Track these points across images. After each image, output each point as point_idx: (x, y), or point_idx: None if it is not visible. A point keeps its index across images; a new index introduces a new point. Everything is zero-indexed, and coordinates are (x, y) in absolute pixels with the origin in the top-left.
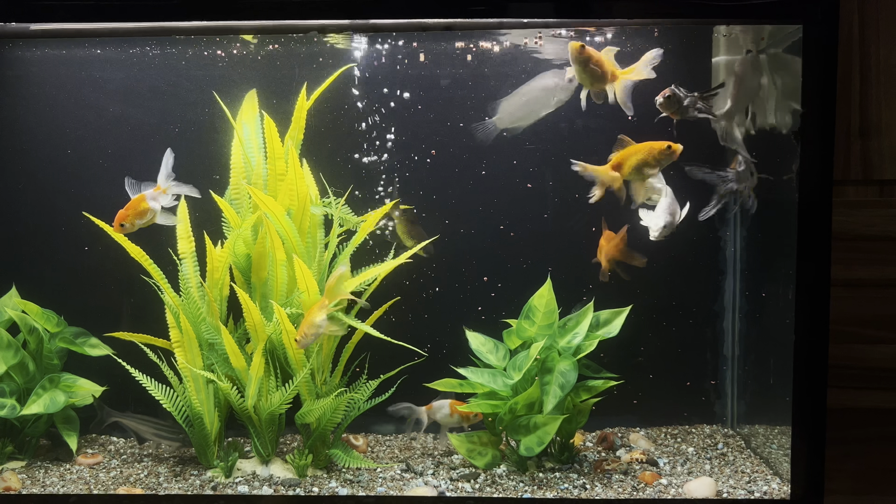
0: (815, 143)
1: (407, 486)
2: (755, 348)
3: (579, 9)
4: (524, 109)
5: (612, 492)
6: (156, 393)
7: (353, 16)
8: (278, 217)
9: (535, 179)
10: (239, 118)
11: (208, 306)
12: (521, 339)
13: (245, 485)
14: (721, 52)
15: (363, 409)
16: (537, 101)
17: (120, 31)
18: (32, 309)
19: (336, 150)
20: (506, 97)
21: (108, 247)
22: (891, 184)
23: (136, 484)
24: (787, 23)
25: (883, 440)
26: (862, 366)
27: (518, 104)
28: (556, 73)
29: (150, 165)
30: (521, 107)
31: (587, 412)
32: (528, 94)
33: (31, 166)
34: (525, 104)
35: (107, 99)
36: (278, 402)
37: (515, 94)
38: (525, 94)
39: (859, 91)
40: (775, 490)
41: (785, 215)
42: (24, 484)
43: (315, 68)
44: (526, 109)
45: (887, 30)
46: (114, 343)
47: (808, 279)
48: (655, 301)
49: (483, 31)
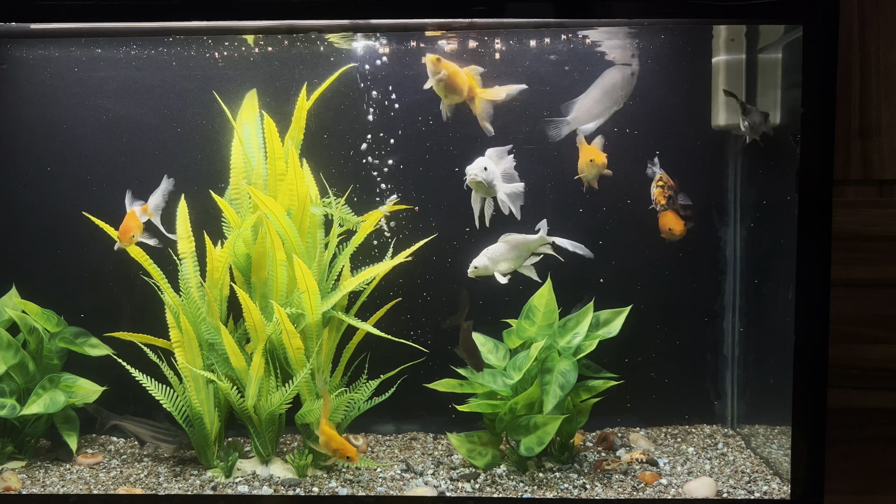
0: (815, 143)
1: (407, 486)
2: (755, 348)
3: (579, 9)
4: (599, 107)
5: (612, 492)
6: (156, 393)
7: (353, 16)
8: (278, 217)
9: (535, 179)
10: (239, 118)
11: (208, 306)
12: (521, 339)
13: (245, 485)
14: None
15: (363, 410)
16: (609, 98)
17: (120, 31)
18: (32, 309)
19: (336, 150)
20: (580, 97)
21: (107, 247)
22: (891, 184)
23: (136, 484)
24: (788, 23)
25: (883, 440)
26: (862, 366)
27: (593, 102)
28: (620, 68)
29: (149, 165)
30: (595, 104)
31: (587, 412)
32: (601, 92)
33: (31, 166)
34: (599, 101)
35: (106, 99)
36: (278, 402)
37: (589, 93)
38: (598, 92)
39: (859, 91)
40: (775, 490)
41: (785, 215)
42: (24, 484)
43: (315, 68)
44: (601, 107)
45: (887, 30)
46: (114, 343)
47: (808, 279)
48: (655, 301)
49: (480, 31)
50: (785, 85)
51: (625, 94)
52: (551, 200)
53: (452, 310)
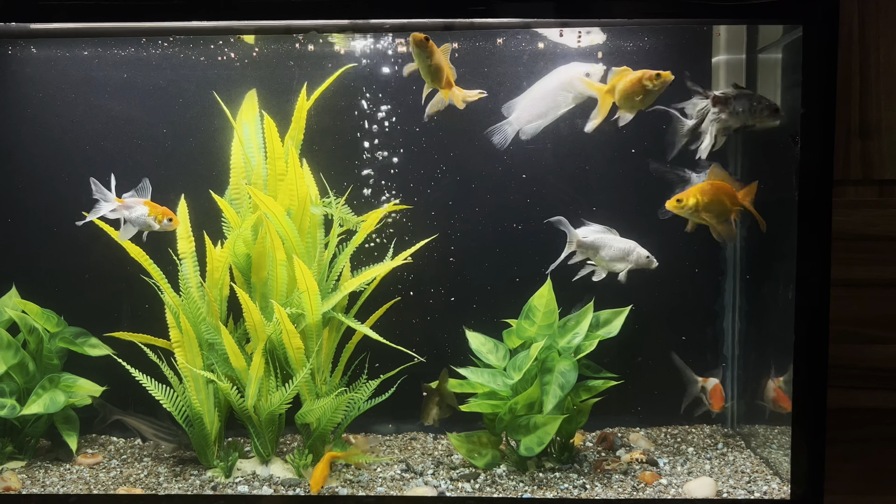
0: (815, 143)
1: (407, 486)
2: (755, 348)
3: (579, 9)
4: (541, 106)
5: (612, 492)
6: (156, 393)
7: (353, 16)
8: (278, 217)
9: (537, 179)
10: (239, 118)
11: (208, 306)
12: (521, 339)
13: (245, 485)
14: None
15: (363, 410)
16: (552, 97)
17: (120, 30)
18: (32, 309)
19: (336, 150)
20: (521, 95)
21: (108, 247)
22: (891, 184)
23: (136, 484)
24: (788, 23)
25: (883, 440)
26: (862, 366)
27: (534, 101)
28: (571, 67)
29: (149, 165)
30: (537, 103)
31: (587, 412)
32: (542, 90)
33: (31, 166)
34: (541, 100)
35: (107, 99)
36: (278, 402)
37: (530, 91)
38: (539, 90)
39: (859, 91)
40: (775, 490)
41: (785, 215)
42: (24, 484)
43: (315, 68)
44: (543, 106)
45: (887, 30)
46: (114, 343)
47: (808, 279)
48: (655, 301)
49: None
50: (785, 85)
51: (575, 95)
52: (554, 199)
53: (453, 310)
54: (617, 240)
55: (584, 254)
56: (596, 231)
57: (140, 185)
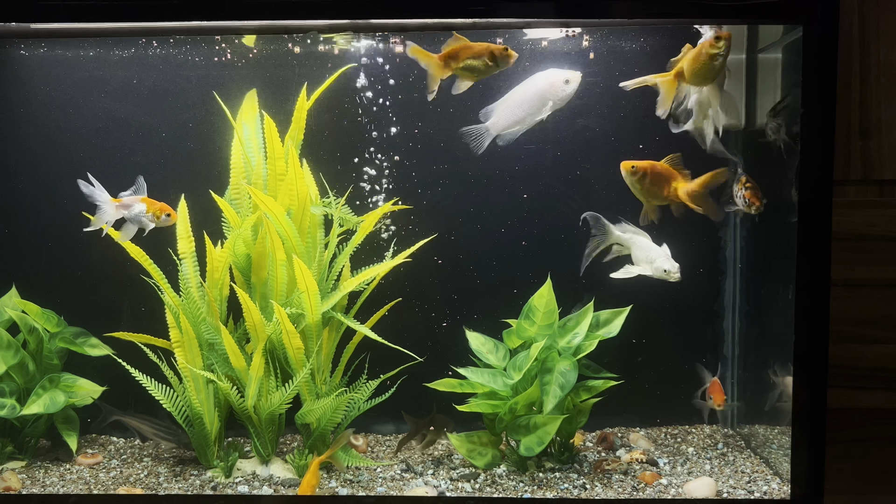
0: (815, 143)
1: (407, 486)
2: (755, 348)
3: (579, 9)
4: (519, 112)
5: (612, 492)
6: (156, 393)
7: (353, 16)
8: (278, 217)
9: (536, 179)
10: (239, 118)
11: (208, 306)
12: (521, 339)
13: (245, 485)
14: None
15: (363, 410)
16: (530, 104)
17: (120, 31)
18: (32, 309)
19: (336, 150)
20: (499, 101)
21: (107, 247)
22: (891, 184)
23: (136, 484)
24: (788, 23)
25: (883, 440)
26: (862, 366)
27: (512, 107)
28: (551, 74)
29: (149, 165)
30: (516, 109)
31: (587, 412)
32: (520, 96)
33: (31, 166)
34: (519, 106)
35: (107, 99)
36: (278, 402)
37: (508, 97)
38: (518, 96)
39: (859, 91)
40: (775, 490)
41: (785, 215)
42: (24, 484)
43: (315, 68)
44: (521, 112)
45: (887, 30)
46: (114, 343)
47: (808, 279)
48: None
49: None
50: (785, 85)
51: (554, 102)
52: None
53: (453, 309)
54: (649, 243)
55: (618, 251)
56: (632, 231)
57: (136, 183)
